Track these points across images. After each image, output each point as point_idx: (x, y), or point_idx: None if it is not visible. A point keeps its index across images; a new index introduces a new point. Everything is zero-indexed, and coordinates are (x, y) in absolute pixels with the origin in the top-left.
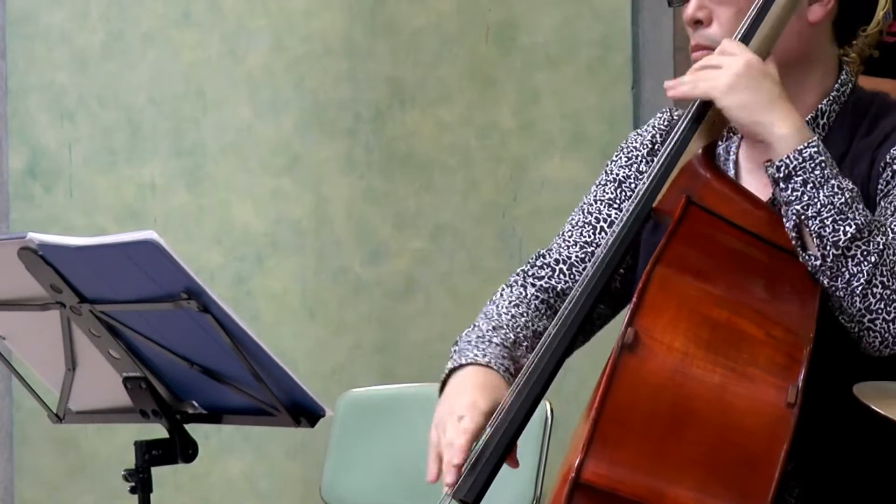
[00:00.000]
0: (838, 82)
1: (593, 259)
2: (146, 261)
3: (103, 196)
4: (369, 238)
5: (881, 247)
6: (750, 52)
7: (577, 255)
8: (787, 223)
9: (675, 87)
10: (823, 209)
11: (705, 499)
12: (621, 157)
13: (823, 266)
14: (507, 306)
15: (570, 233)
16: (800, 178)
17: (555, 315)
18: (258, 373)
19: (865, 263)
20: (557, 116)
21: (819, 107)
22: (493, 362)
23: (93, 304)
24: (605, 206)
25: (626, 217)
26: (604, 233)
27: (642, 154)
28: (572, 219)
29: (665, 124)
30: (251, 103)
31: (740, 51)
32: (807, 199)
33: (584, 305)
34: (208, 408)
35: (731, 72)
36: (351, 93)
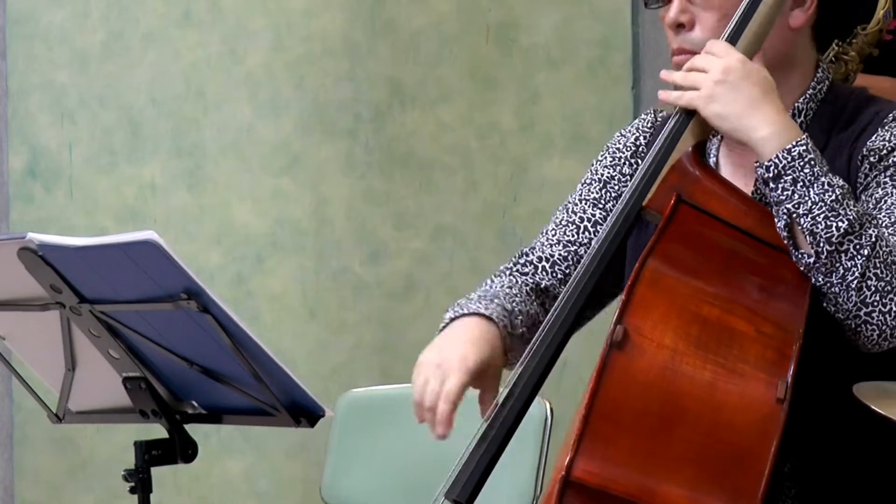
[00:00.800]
0: (814, 80)
1: (585, 256)
2: (146, 261)
3: (103, 196)
4: (369, 238)
5: (873, 239)
6: (734, 53)
7: (560, 254)
8: (778, 222)
9: (665, 93)
10: (815, 207)
11: (696, 496)
12: (606, 157)
13: (817, 263)
14: (502, 287)
15: (553, 231)
16: (789, 177)
17: (544, 306)
18: (258, 373)
19: (859, 257)
20: (558, 117)
21: (796, 105)
22: (495, 315)
23: (92, 304)
24: (589, 206)
25: (616, 215)
26: (587, 232)
27: (626, 156)
28: (556, 217)
29: (649, 126)
30: (251, 103)
31: (725, 52)
32: (797, 197)
33: (577, 301)
34: (208, 408)
35: (711, 79)
36: (351, 93)
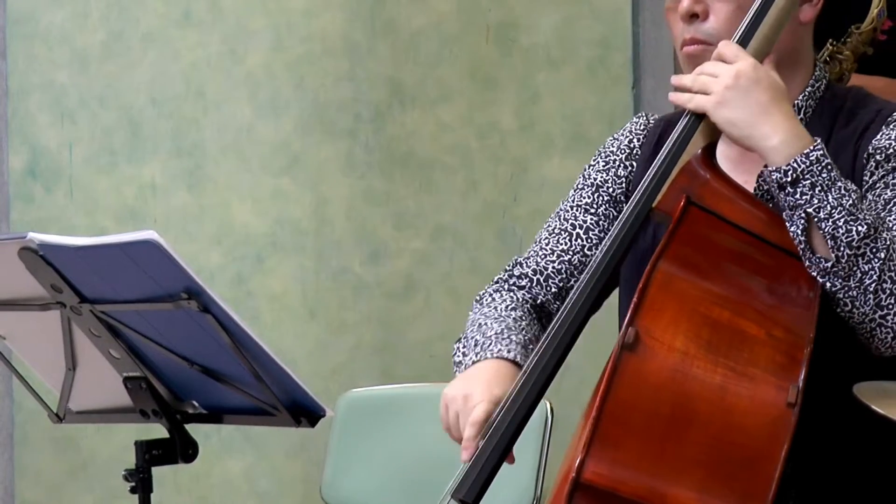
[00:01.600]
0: (812, 78)
1: (591, 262)
2: (146, 261)
3: (104, 196)
4: (369, 238)
5: (888, 243)
6: (745, 58)
7: (555, 267)
8: (793, 227)
9: (675, 94)
10: (834, 211)
11: (706, 499)
12: (599, 162)
13: (836, 267)
14: (507, 310)
15: (546, 241)
16: (808, 181)
17: (541, 325)
18: (258, 373)
19: (876, 260)
20: (558, 117)
21: (796, 103)
22: (519, 358)
23: (93, 304)
24: (580, 212)
25: (626, 217)
26: (580, 239)
27: (620, 158)
28: (549, 225)
29: (642, 128)
30: (251, 103)
31: (735, 56)
32: (816, 202)
33: (585, 304)
34: (208, 408)
35: (722, 84)
36: (351, 93)
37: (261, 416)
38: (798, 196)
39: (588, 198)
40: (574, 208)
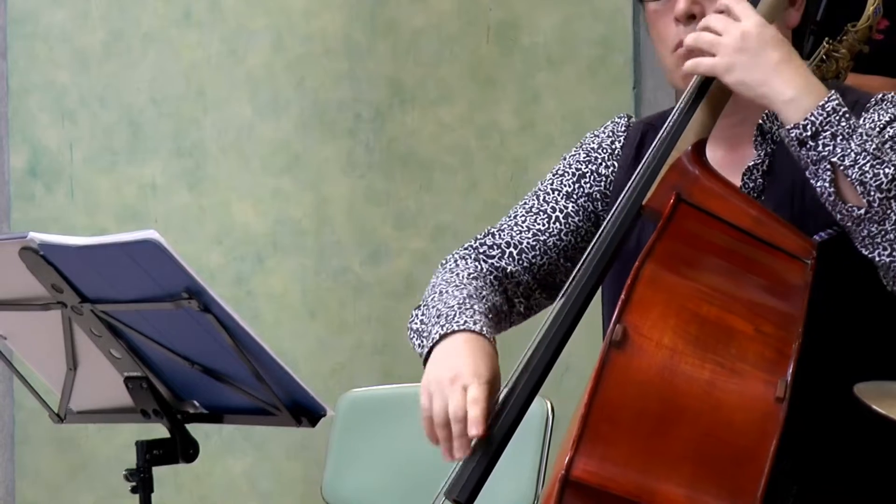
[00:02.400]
0: None
1: (582, 259)
2: (147, 260)
3: (104, 196)
4: (370, 238)
5: None
6: (753, 15)
7: (529, 242)
8: (819, 183)
9: (690, 62)
10: (859, 157)
11: (696, 495)
12: (580, 153)
13: (869, 213)
14: (469, 278)
15: (523, 218)
16: (828, 132)
17: (506, 293)
18: (259, 372)
19: None
20: (558, 116)
21: None
22: (485, 330)
23: (94, 303)
24: (562, 198)
25: (616, 214)
26: (558, 223)
27: (602, 157)
28: (526, 203)
29: (623, 129)
30: (252, 103)
31: (743, 13)
32: (840, 151)
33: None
34: (209, 407)
35: (730, 46)
36: (351, 93)
37: (261, 415)
38: (821, 148)
39: (569, 186)
40: (555, 192)
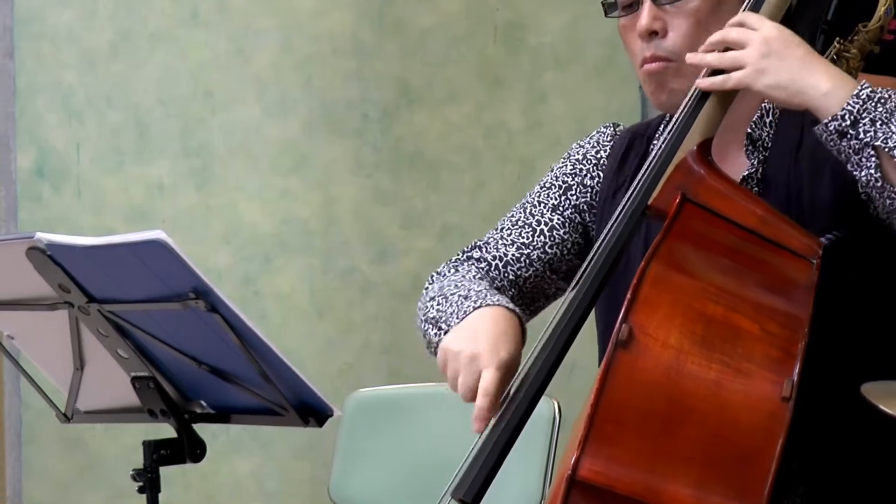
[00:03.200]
0: None
1: (588, 259)
2: (154, 261)
3: (111, 196)
4: (377, 238)
5: None
6: (767, 21)
7: (513, 255)
8: (864, 171)
9: (707, 80)
10: None
11: (702, 495)
12: (567, 165)
13: None
14: (475, 278)
15: (508, 231)
16: (866, 119)
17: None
18: (266, 372)
19: None
20: (565, 116)
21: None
22: (518, 311)
23: (101, 303)
24: (547, 210)
25: (621, 214)
26: (542, 236)
27: (587, 168)
28: (512, 215)
29: (609, 139)
30: (259, 103)
31: (758, 22)
32: (881, 134)
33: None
34: (216, 407)
35: (756, 53)
36: (359, 93)
37: (269, 415)
38: (862, 135)
39: (555, 199)
40: (541, 205)
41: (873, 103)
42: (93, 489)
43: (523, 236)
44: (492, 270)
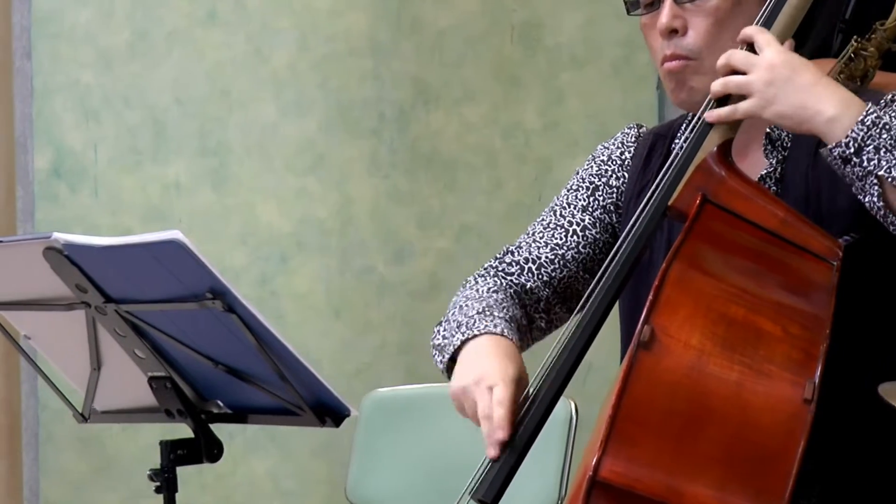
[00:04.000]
0: None
1: (608, 259)
2: (171, 261)
3: (128, 196)
4: (394, 238)
5: None
6: (773, 43)
7: (547, 257)
8: (868, 198)
9: (714, 112)
10: None
11: (723, 496)
12: (592, 167)
13: None
14: (489, 291)
15: (541, 234)
16: (870, 147)
17: (525, 308)
18: (283, 372)
19: None
20: (582, 116)
21: None
22: (506, 332)
23: (118, 303)
24: (578, 211)
25: (642, 215)
26: (575, 236)
27: (612, 169)
28: (543, 219)
29: (633, 140)
30: (276, 103)
31: (765, 43)
32: (885, 163)
33: (603, 301)
34: (233, 407)
35: (761, 82)
36: (375, 92)
37: (285, 415)
38: (865, 163)
39: (584, 200)
40: (570, 206)
41: (878, 130)
42: (109, 489)
43: (556, 237)
44: (524, 273)
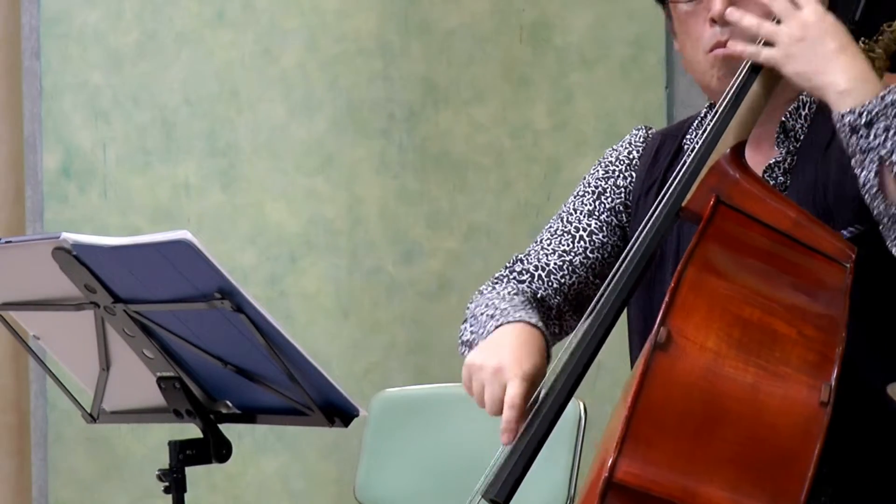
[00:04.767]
0: None
1: (621, 260)
2: (180, 261)
3: (137, 196)
4: (403, 238)
5: None
6: (811, 4)
7: (556, 263)
8: (863, 172)
9: (738, 44)
10: None
11: (738, 498)
12: (599, 171)
13: None
14: (511, 294)
15: (548, 241)
16: (881, 124)
17: (540, 314)
18: (292, 373)
19: None
20: (591, 116)
21: (801, 97)
22: (541, 325)
23: (127, 304)
24: (584, 216)
25: (654, 216)
26: (582, 241)
27: (619, 169)
28: (550, 227)
29: (641, 140)
30: (285, 103)
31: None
32: (890, 145)
33: (616, 301)
34: (242, 407)
35: (790, 36)
36: (385, 93)
37: (294, 415)
38: (871, 139)
39: (590, 204)
40: (577, 212)
41: (894, 110)
42: (118, 489)
43: (563, 244)
44: (535, 281)
